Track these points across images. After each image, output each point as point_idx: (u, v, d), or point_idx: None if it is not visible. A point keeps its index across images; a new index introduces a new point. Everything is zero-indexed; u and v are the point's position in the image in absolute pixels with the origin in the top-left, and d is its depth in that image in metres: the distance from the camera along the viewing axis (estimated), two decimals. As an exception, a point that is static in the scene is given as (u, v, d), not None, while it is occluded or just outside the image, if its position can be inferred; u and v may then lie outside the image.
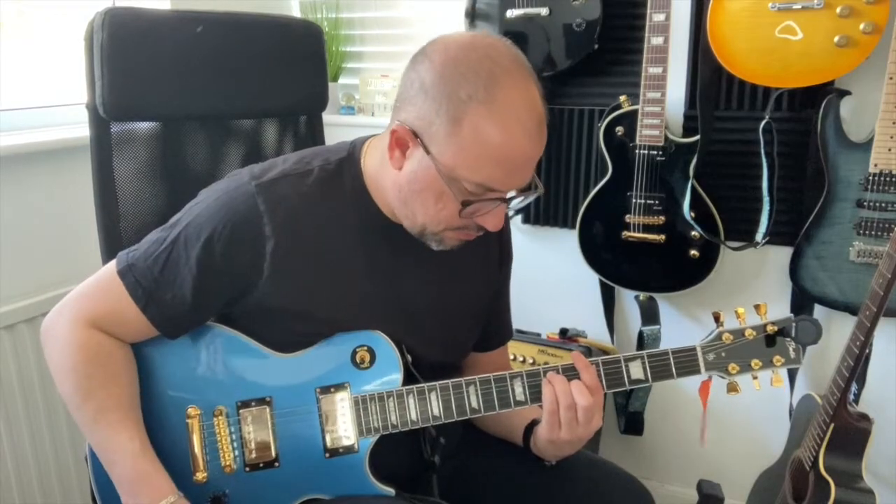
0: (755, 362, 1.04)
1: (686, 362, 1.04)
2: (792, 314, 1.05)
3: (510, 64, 0.94)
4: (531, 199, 1.03)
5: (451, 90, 0.92)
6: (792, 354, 1.04)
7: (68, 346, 1.01)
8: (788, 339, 1.04)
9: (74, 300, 1.05)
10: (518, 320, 2.04)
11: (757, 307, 1.05)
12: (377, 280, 1.07)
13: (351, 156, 1.08)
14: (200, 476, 1.03)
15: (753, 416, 1.96)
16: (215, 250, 1.00)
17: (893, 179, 1.55)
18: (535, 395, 1.04)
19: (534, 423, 1.13)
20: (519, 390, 1.04)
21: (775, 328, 1.04)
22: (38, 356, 1.64)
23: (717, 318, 1.07)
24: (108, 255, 1.27)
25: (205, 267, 1.00)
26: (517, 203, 1.00)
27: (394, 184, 1.01)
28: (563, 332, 2.01)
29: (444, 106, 0.92)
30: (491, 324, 1.25)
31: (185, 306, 1.02)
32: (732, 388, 1.05)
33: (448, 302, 1.13)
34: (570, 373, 1.04)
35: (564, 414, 1.01)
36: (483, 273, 1.19)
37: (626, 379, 1.04)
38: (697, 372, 1.05)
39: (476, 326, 1.21)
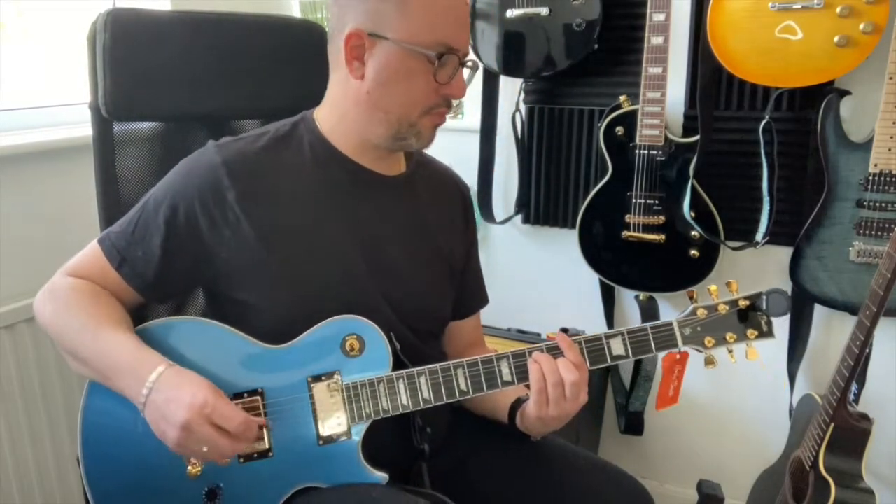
0: (730, 335, 1.08)
1: (664, 337, 1.08)
2: (762, 290, 1.10)
3: None
4: (476, 70, 1.15)
5: None
6: (764, 327, 1.09)
7: (60, 289, 1.07)
8: (760, 313, 1.09)
9: (58, 271, 1.12)
10: (518, 320, 2.08)
11: (728, 284, 1.10)
12: (349, 224, 1.10)
13: (303, 117, 1.15)
14: (194, 469, 1.03)
15: (753, 416, 1.96)
16: (179, 206, 1.05)
17: (893, 179, 1.55)
18: (522, 375, 1.07)
19: (518, 401, 1.16)
20: (506, 371, 1.07)
21: (747, 302, 1.09)
22: (38, 356, 1.64)
23: (691, 297, 1.10)
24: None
25: (171, 223, 1.06)
26: (469, 71, 1.10)
27: (358, 96, 1.07)
28: (563, 332, 2.01)
29: None
30: (465, 287, 1.28)
31: (154, 262, 1.07)
32: (710, 360, 1.09)
33: (422, 249, 1.17)
34: (555, 352, 1.07)
35: (552, 391, 1.04)
36: (451, 228, 1.24)
37: (608, 355, 1.08)
38: (675, 346, 1.08)
39: (452, 285, 1.24)
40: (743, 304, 1.09)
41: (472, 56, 1.12)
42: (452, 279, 1.24)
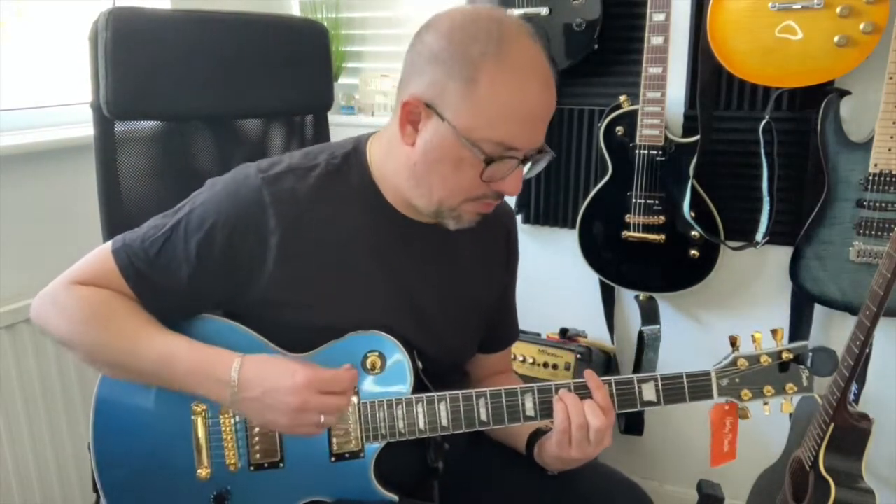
0: (768, 389, 1.03)
1: (699, 387, 1.04)
2: (807, 342, 1.04)
3: (516, 23, 0.96)
4: (546, 160, 1.02)
5: (462, 51, 0.92)
6: (805, 382, 1.03)
7: (75, 303, 1.01)
8: (802, 367, 1.03)
9: (61, 276, 1.05)
10: (518, 320, 2.07)
11: (774, 332, 1.04)
12: (384, 273, 1.06)
13: (356, 149, 1.08)
14: (204, 472, 1.03)
15: (753, 416, 1.96)
16: (216, 239, 1.00)
17: (893, 179, 1.55)
18: (546, 412, 1.03)
19: (538, 433, 1.12)
20: (529, 405, 1.03)
21: (791, 355, 1.03)
22: (38, 356, 1.63)
23: (733, 343, 1.05)
24: (110, 254, 1.27)
25: (204, 255, 1.00)
26: (534, 167, 1.00)
27: (406, 162, 0.99)
28: (563, 331, 2.02)
29: (457, 67, 0.92)
30: (496, 325, 1.24)
31: (178, 293, 1.02)
32: (743, 414, 1.04)
33: (455, 300, 1.13)
34: (582, 391, 1.02)
35: (576, 433, 0.99)
36: (489, 273, 1.19)
37: (638, 400, 1.03)
38: (710, 397, 1.04)
39: (481, 327, 1.20)
40: (786, 356, 1.02)
41: (540, 147, 0.98)
42: (484, 320, 1.20)
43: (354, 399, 1.03)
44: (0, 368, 1.56)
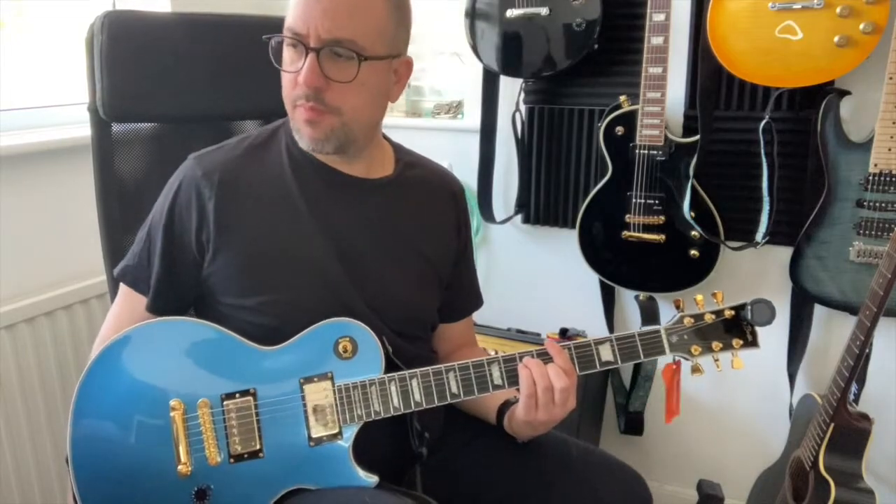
0: (715, 344, 1.10)
1: (651, 344, 1.09)
2: (749, 300, 1.10)
3: None
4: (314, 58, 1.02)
5: None
6: (749, 337, 1.10)
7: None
8: (745, 323, 1.10)
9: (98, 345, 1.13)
10: (518, 320, 2.07)
11: (714, 294, 1.12)
12: (325, 229, 1.10)
13: (284, 123, 1.14)
14: (184, 469, 1.03)
15: (753, 416, 1.96)
16: (170, 220, 1.09)
17: (893, 179, 1.55)
18: (513, 380, 1.08)
19: (506, 404, 1.17)
20: (497, 375, 1.08)
21: (732, 312, 1.10)
22: (38, 356, 1.64)
23: (677, 305, 1.12)
24: (109, 255, 1.28)
25: (167, 239, 1.10)
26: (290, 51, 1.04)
27: None
28: (563, 332, 2.02)
29: None
30: (455, 292, 1.28)
31: (162, 281, 1.11)
32: (696, 369, 1.10)
33: (395, 248, 1.16)
34: (544, 357, 1.08)
35: (542, 396, 1.05)
36: (434, 230, 1.23)
37: (597, 361, 1.09)
38: (662, 353, 1.10)
39: (435, 286, 1.23)
40: (728, 314, 1.10)
41: (326, 40, 1.01)
42: (440, 283, 1.24)
43: (329, 380, 1.06)
44: (0, 368, 1.56)
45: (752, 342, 1.10)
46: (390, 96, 1.12)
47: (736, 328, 1.10)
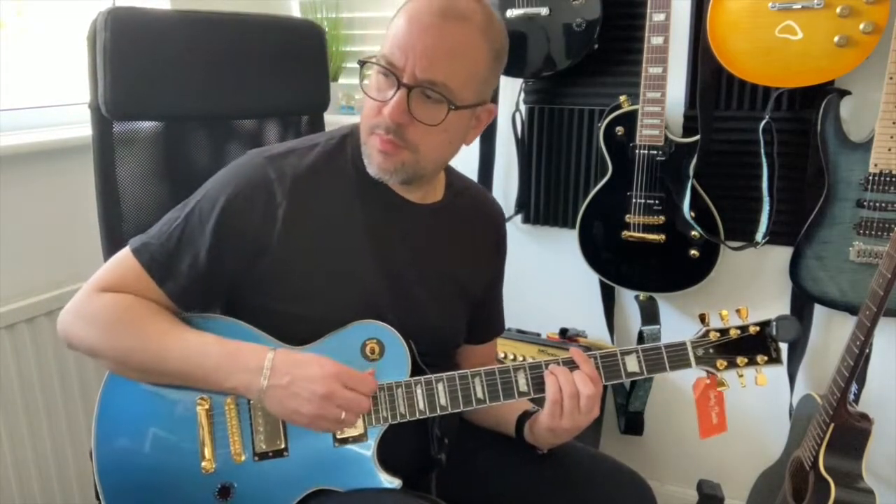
0: (741, 359, 1.10)
1: (677, 356, 1.10)
2: (774, 317, 1.10)
3: None
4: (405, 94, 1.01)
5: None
6: (773, 353, 1.10)
7: (100, 311, 1.03)
8: (770, 339, 1.10)
9: (84, 286, 1.07)
10: (518, 320, 2.07)
11: (738, 311, 1.11)
12: (373, 249, 1.10)
13: (353, 132, 1.12)
14: (208, 465, 1.03)
15: (753, 416, 1.96)
16: (229, 215, 1.04)
17: (893, 179, 1.55)
18: (538, 387, 1.08)
19: (525, 414, 1.18)
20: (522, 381, 1.08)
21: (757, 328, 1.10)
22: (38, 356, 1.63)
23: (702, 319, 1.12)
24: (109, 255, 1.27)
25: (221, 234, 1.04)
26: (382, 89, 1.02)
27: None
28: (563, 331, 2.02)
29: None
30: (484, 314, 1.28)
31: (199, 275, 1.05)
32: (721, 383, 1.11)
33: (438, 280, 1.16)
34: (570, 365, 1.08)
35: (568, 402, 1.05)
36: (476, 263, 1.23)
37: (622, 371, 1.09)
38: (688, 366, 1.10)
39: (466, 313, 1.23)
40: (753, 329, 1.10)
41: (420, 79, 0.99)
42: (469, 308, 1.24)
43: None
44: (0, 368, 1.56)
45: (776, 358, 1.10)
46: (466, 140, 1.10)
47: (761, 344, 1.10)
